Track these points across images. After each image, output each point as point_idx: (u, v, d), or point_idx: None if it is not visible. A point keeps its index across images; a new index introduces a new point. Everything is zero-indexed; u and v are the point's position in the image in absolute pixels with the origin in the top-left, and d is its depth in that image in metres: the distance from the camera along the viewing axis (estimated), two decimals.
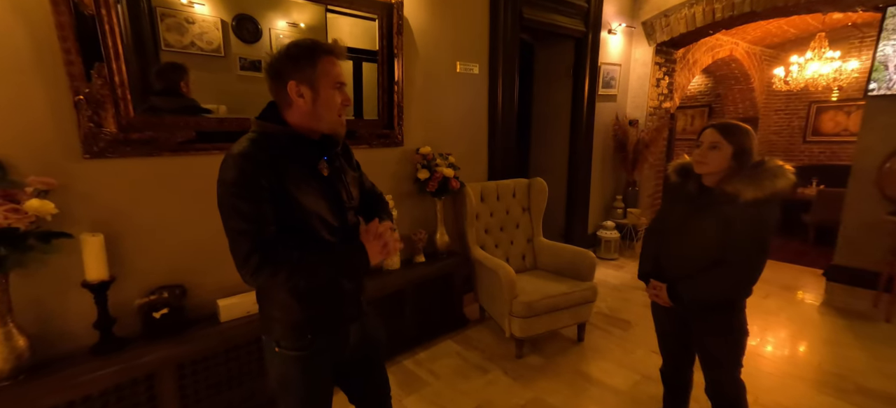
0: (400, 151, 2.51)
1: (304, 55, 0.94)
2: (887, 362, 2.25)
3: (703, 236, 1.34)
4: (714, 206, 1.31)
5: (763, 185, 1.22)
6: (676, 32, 3.77)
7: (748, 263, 1.29)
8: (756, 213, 1.24)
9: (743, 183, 1.25)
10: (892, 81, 2.62)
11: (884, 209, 2.68)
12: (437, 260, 2.63)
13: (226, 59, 2.03)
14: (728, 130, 1.30)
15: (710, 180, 1.34)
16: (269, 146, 0.94)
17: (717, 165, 1.29)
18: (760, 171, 1.25)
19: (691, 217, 1.39)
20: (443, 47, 2.64)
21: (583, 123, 3.77)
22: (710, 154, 1.30)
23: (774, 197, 1.23)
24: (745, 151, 1.28)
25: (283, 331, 1.03)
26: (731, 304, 1.37)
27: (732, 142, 1.28)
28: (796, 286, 3.34)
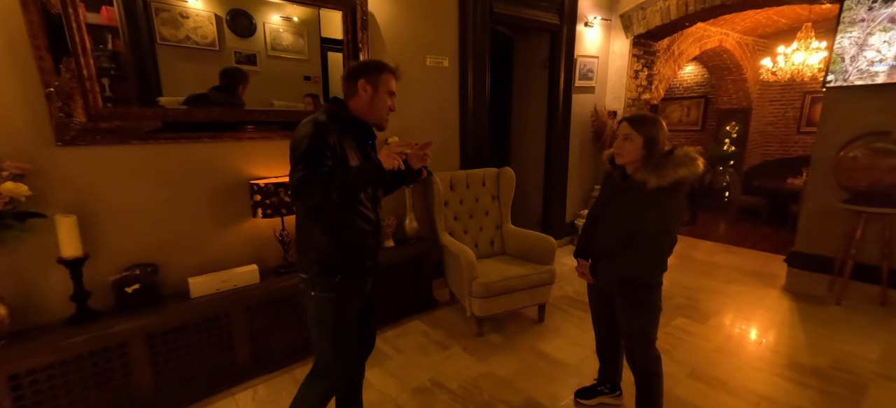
0: None
1: (376, 66, 1.33)
2: (825, 340, 2.35)
3: (619, 220, 1.48)
4: (629, 192, 1.43)
5: (665, 173, 1.33)
6: (653, 25, 3.82)
7: (653, 246, 1.40)
8: (659, 200, 1.34)
9: (648, 172, 1.36)
10: (848, 73, 2.68)
11: (838, 197, 2.75)
12: (406, 245, 2.77)
13: (220, 53, 2.09)
14: (637, 122, 1.42)
15: (629, 169, 1.45)
16: (336, 121, 1.28)
17: (632, 155, 1.41)
18: (666, 160, 1.36)
19: (613, 201, 1.52)
20: (411, 41, 2.74)
21: (559, 114, 3.86)
22: (624, 145, 1.41)
23: (678, 185, 1.33)
24: (653, 140, 1.39)
25: (318, 270, 1.31)
26: (645, 282, 1.48)
27: (642, 132, 1.39)
28: (763, 273, 3.43)
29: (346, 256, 1.32)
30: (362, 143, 1.37)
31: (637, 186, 1.38)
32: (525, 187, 4.23)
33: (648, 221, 1.37)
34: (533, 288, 2.57)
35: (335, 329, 1.35)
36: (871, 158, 2.48)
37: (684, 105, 8.32)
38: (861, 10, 2.59)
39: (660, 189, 1.33)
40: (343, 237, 1.30)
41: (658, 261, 1.44)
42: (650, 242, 1.39)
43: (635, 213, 1.40)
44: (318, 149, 1.21)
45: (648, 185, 1.34)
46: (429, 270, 2.86)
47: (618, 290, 1.54)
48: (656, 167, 1.35)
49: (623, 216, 1.45)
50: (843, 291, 2.75)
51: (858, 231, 2.63)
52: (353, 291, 1.37)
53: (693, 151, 1.36)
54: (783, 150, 7.37)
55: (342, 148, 1.25)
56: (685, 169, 1.32)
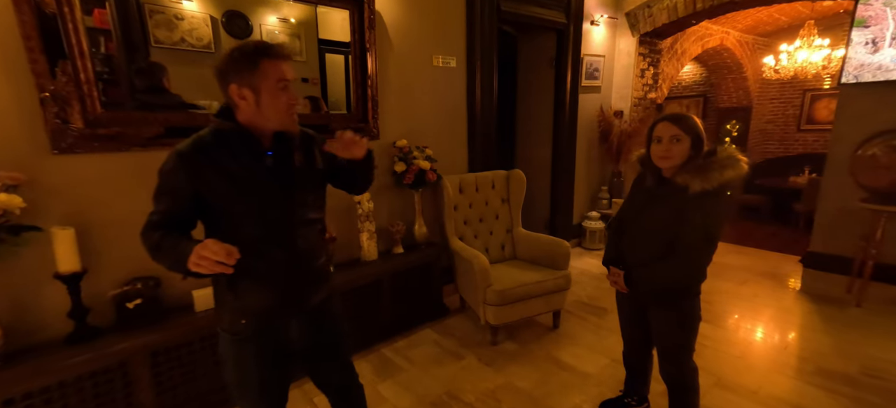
0: (376, 145, 2.55)
1: (244, 59, 0.98)
2: (851, 344, 2.29)
3: (657, 226, 1.38)
4: (668, 197, 1.34)
5: (711, 176, 1.23)
6: (659, 23, 3.77)
7: (696, 253, 1.31)
8: (703, 204, 1.25)
9: (691, 174, 1.26)
10: (863, 69, 2.63)
11: (857, 196, 2.70)
12: (415, 251, 2.68)
13: (216, 56, 2.04)
14: (682, 121, 1.31)
15: (668, 172, 1.36)
16: (216, 143, 1.01)
17: (681, 157, 1.30)
18: (710, 162, 1.26)
19: (648, 207, 1.42)
20: (418, 41, 2.66)
21: (566, 114, 3.79)
22: (673, 148, 1.30)
23: (723, 188, 1.24)
24: (701, 139, 1.30)
25: (224, 314, 1.12)
26: (683, 291, 1.40)
27: (689, 132, 1.29)
28: (776, 273, 3.38)
29: (247, 301, 1.08)
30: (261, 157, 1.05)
31: (678, 189, 1.28)
32: (531, 189, 4.15)
33: (693, 228, 1.27)
34: (548, 294, 2.49)
35: (238, 369, 1.13)
36: (891, 156, 2.43)
37: (683, 104, 8.30)
38: (877, 4, 2.54)
39: (704, 193, 1.23)
40: (234, 280, 1.04)
41: (700, 269, 1.36)
42: (693, 249, 1.30)
43: (677, 219, 1.30)
44: (161, 193, 1.00)
45: (691, 188, 1.24)
46: (439, 276, 2.78)
47: (654, 299, 1.46)
48: (700, 169, 1.25)
49: (662, 223, 1.35)
50: (863, 293, 2.70)
51: (879, 231, 2.58)
52: (264, 334, 1.12)
53: (736, 151, 1.28)
54: (783, 148, 7.36)
55: (222, 180, 0.99)
56: (731, 171, 1.24)
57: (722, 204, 1.27)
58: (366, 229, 2.42)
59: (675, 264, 1.33)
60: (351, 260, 2.48)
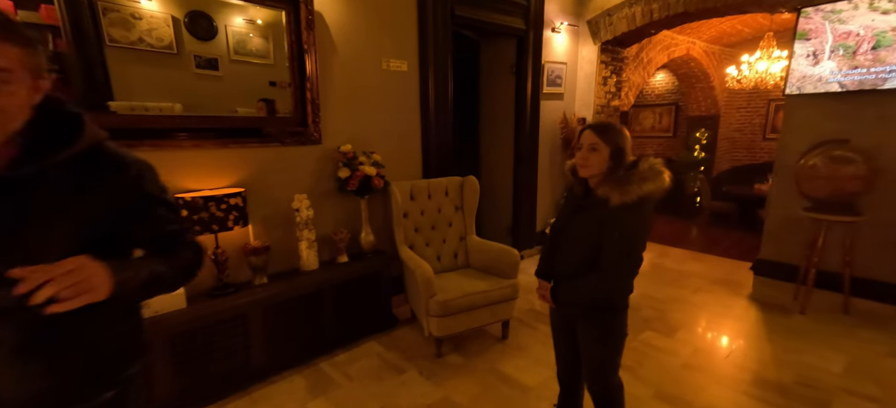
0: (319, 150, 2.47)
1: None
2: (790, 352, 2.30)
3: (581, 238, 1.33)
4: (592, 208, 1.30)
5: (630, 189, 1.19)
6: (619, 31, 3.80)
7: (617, 268, 1.26)
8: (622, 218, 1.21)
9: (611, 187, 1.22)
10: (805, 81, 2.67)
11: (801, 205, 2.74)
12: (361, 260, 2.60)
13: (179, 57, 2.01)
14: (604, 130, 1.28)
15: (593, 182, 1.32)
16: None
17: (598, 167, 1.27)
18: (630, 174, 1.22)
19: (575, 218, 1.38)
20: (366, 45, 2.60)
21: (527, 120, 3.77)
22: (590, 157, 1.27)
23: (643, 201, 1.20)
24: (621, 150, 1.26)
25: None
26: (607, 307, 1.35)
27: (609, 141, 1.26)
28: (731, 281, 3.40)
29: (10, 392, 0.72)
30: None
31: (600, 202, 1.25)
32: (495, 195, 4.13)
33: (612, 243, 1.24)
34: (495, 304, 2.44)
35: None
36: (830, 167, 2.47)
37: (656, 112, 8.45)
38: (817, 17, 2.59)
39: (623, 206, 1.20)
40: None
41: (623, 284, 1.31)
42: (614, 264, 1.26)
43: (598, 231, 1.27)
44: None
45: (611, 201, 1.21)
46: (387, 286, 2.70)
47: (581, 314, 1.41)
48: (619, 182, 1.21)
49: (585, 235, 1.31)
50: (807, 300, 2.73)
51: (820, 239, 2.62)
52: None
53: (659, 164, 1.23)
54: (750, 156, 7.55)
55: None
56: (651, 184, 1.20)
57: (640, 218, 1.23)
58: (305, 238, 2.33)
59: (597, 279, 1.29)
60: (290, 270, 2.38)
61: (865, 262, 2.63)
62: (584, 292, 1.34)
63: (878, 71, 2.44)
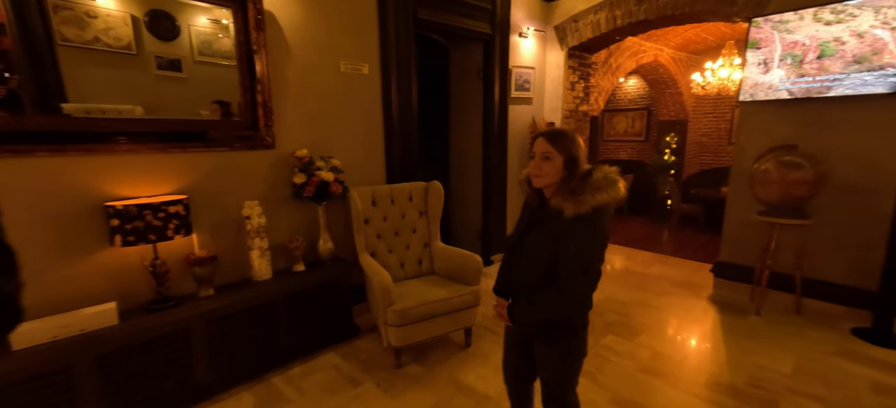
0: (273, 155, 2.38)
1: None
2: (744, 353, 2.34)
3: (537, 253, 1.26)
4: (547, 220, 1.23)
5: (583, 200, 1.14)
6: (585, 37, 3.84)
7: (573, 284, 1.20)
8: (578, 231, 1.16)
9: (565, 197, 1.17)
10: (757, 89, 2.75)
11: (755, 209, 2.81)
12: (319, 268, 2.51)
13: (139, 58, 1.93)
14: (556, 138, 1.22)
15: (547, 192, 1.26)
16: None
17: (553, 176, 1.21)
18: (583, 184, 1.17)
19: (530, 231, 1.30)
20: (323, 46, 2.53)
21: (495, 124, 3.77)
22: (544, 165, 1.21)
23: (598, 212, 1.15)
24: (574, 158, 1.20)
25: None
26: (565, 325, 1.30)
27: (562, 150, 1.20)
28: (693, 283, 3.47)
29: None
30: None
31: (554, 214, 1.19)
32: (465, 199, 4.10)
33: (568, 257, 1.18)
34: (455, 312, 2.39)
35: None
36: (780, 171, 2.54)
37: (629, 116, 8.64)
38: (766, 27, 2.67)
39: (578, 218, 1.14)
40: None
41: (581, 302, 1.25)
42: (570, 281, 1.19)
43: (554, 245, 1.21)
44: None
45: (565, 213, 1.15)
46: (348, 295, 2.62)
47: (537, 333, 1.35)
48: (573, 192, 1.16)
49: (541, 249, 1.25)
50: (762, 301, 2.80)
51: (773, 242, 2.69)
52: None
53: (613, 173, 1.18)
54: (717, 160, 7.79)
55: None
56: (605, 194, 1.15)
57: (596, 230, 1.17)
58: (256, 246, 2.23)
59: (554, 297, 1.22)
60: (240, 280, 2.27)
61: (815, 263, 2.71)
62: (541, 311, 1.27)
63: (823, 79, 2.53)
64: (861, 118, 2.48)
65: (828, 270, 2.69)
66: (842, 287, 2.65)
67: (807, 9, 2.52)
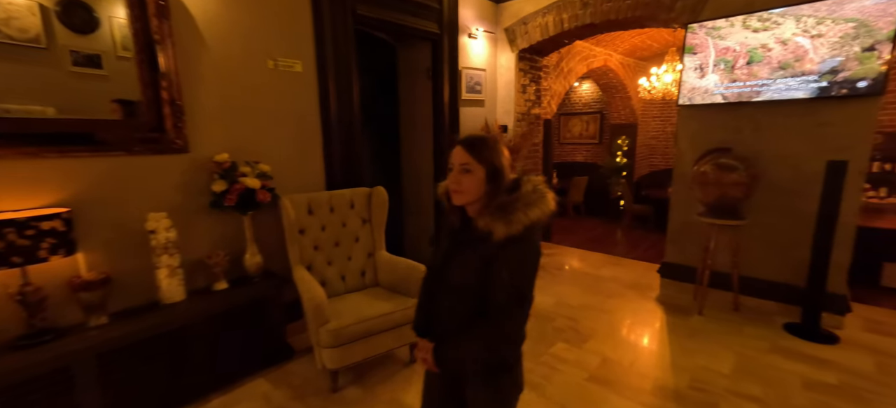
0: (186, 160, 2.11)
1: None
2: (687, 355, 2.36)
3: (463, 284, 1.09)
4: (473, 244, 1.06)
5: (515, 218, 0.98)
6: (535, 40, 3.82)
7: (508, 319, 1.03)
8: (511, 255, 1.00)
9: (493, 216, 1.00)
10: (694, 93, 2.82)
11: (696, 210, 2.87)
12: (245, 285, 2.26)
13: (50, 52, 1.71)
14: (476, 146, 1.05)
15: (471, 210, 1.09)
16: None
17: (473, 192, 1.04)
18: (513, 199, 1.01)
19: (452, 257, 1.12)
20: (247, 40, 2.29)
21: (446, 127, 3.65)
22: (463, 179, 1.04)
23: (530, 231, 1.00)
24: (497, 170, 1.04)
25: None
26: (498, 365, 1.11)
27: (483, 160, 1.04)
28: (641, 284, 3.51)
29: None
30: None
31: (482, 236, 1.02)
32: (418, 203, 3.95)
33: (501, 287, 1.01)
34: (399, 327, 2.22)
35: None
36: (717, 173, 2.61)
37: (584, 120, 8.88)
38: (701, 33, 2.75)
39: (510, 240, 0.98)
40: None
41: (517, 338, 1.10)
42: (504, 315, 1.03)
43: (483, 273, 1.04)
44: None
45: (495, 235, 0.99)
46: (280, 313, 2.38)
47: (467, 376, 1.16)
48: (502, 209, 1.00)
49: (467, 279, 1.07)
50: (704, 300, 2.86)
51: (712, 242, 2.75)
52: None
53: (541, 184, 1.05)
54: (665, 161, 8.16)
55: None
56: (537, 209, 1.01)
57: (531, 253, 1.03)
58: (165, 264, 1.96)
59: (486, 336, 1.05)
60: (146, 304, 1.98)
61: (750, 262, 2.81)
62: (473, 353, 1.08)
63: (753, 84, 2.63)
64: (787, 122, 2.59)
65: (762, 268, 2.80)
66: (774, 284, 2.76)
67: (737, 16, 2.61)
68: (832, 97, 2.41)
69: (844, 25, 2.32)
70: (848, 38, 2.33)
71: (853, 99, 2.37)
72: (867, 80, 2.31)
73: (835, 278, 2.48)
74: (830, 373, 2.15)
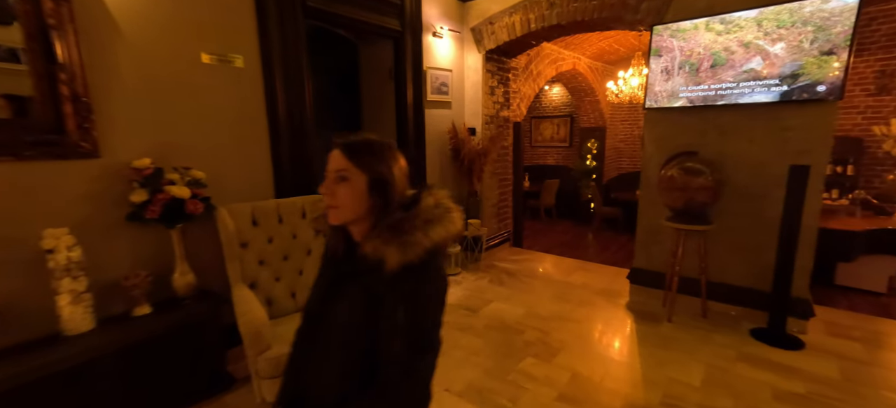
0: (96, 166, 1.81)
1: None
2: (658, 367, 2.27)
3: (344, 333, 0.84)
4: (358, 277, 0.84)
5: (413, 240, 0.77)
6: (502, 40, 3.71)
7: (409, 378, 0.78)
8: (410, 290, 0.78)
9: (383, 239, 0.78)
10: (659, 96, 2.78)
11: (663, 215, 2.81)
12: (174, 308, 1.98)
13: None
14: (357, 151, 0.83)
15: (357, 233, 0.87)
16: None
17: (354, 207, 0.82)
18: (410, 216, 0.81)
19: (332, 296, 0.88)
20: (174, 29, 2.02)
21: (410, 129, 3.46)
22: (339, 191, 0.82)
23: (434, 256, 0.79)
24: (385, 182, 0.83)
25: None
26: None
27: (365, 167, 0.82)
28: (611, 290, 3.44)
29: None
30: None
31: (370, 266, 0.79)
32: None
33: (397, 335, 0.78)
34: None
35: None
36: (684, 178, 2.55)
37: (554, 123, 8.93)
38: (666, 35, 2.70)
39: (408, 270, 0.77)
40: None
41: (422, 401, 0.84)
42: (402, 372, 0.78)
43: (372, 317, 0.80)
44: None
45: (388, 263, 0.77)
46: (217, 337, 2.11)
47: None
48: (395, 230, 0.79)
49: (350, 328, 0.83)
50: (673, 307, 2.80)
51: (680, 248, 2.70)
52: None
53: (445, 197, 0.87)
54: (633, 164, 8.30)
55: None
56: (440, 228, 0.81)
57: (435, 285, 0.81)
58: (66, 289, 1.66)
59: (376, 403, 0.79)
60: (44, 337, 1.67)
61: (717, 267, 2.78)
62: None
63: (717, 88, 2.60)
64: (750, 125, 2.57)
65: (728, 273, 2.77)
66: (741, 289, 2.74)
67: (700, 19, 2.57)
68: (793, 101, 2.41)
69: (803, 29, 2.32)
70: (806, 42, 2.32)
71: (813, 103, 2.37)
72: (825, 85, 2.31)
73: (798, 282, 2.47)
74: (798, 382, 2.11)
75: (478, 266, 4.04)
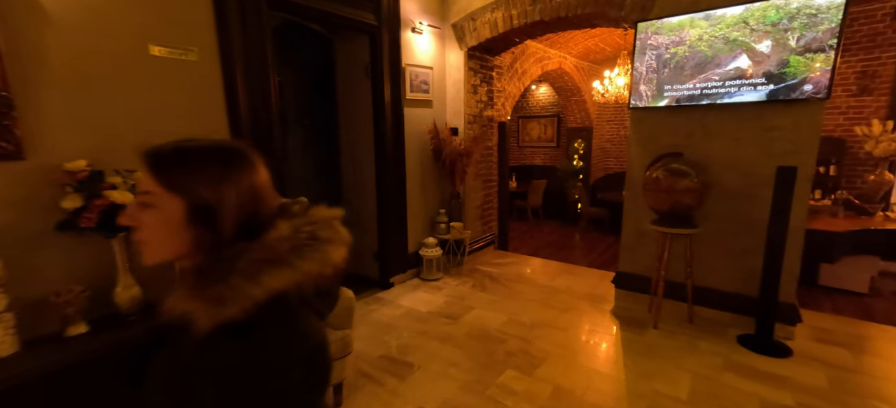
0: (19, 169, 1.61)
1: None
2: (643, 379, 2.16)
3: None
4: (173, 344, 0.60)
5: (231, 293, 0.52)
6: (483, 37, 3.57)
7: None
8: (224, 366, 0.53)
9: (191, 291, 0.53)
10: (643, 96, 2.68)
11: (649, 218, 2.72)
12: (114, 326, 1.79)
13: None
14: (165, 163, 0.59)
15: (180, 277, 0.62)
16: None
17: (168, 245, 0.59)
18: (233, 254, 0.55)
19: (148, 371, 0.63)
20: (115, 16, 1.83)
21: (388, 129, 3.30)
22: (144, 219, 0.58)
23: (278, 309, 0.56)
24: (209, 209, 0.57)
25: None
26: None
27: (177, 188, 0.57)
28: (594, 295, 3.34)
29: None
30: None
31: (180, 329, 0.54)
32: (360, 215, 3.56)
33: None
34: None
35: None
36: (669, 180, 2.45)
37: (541, 123, 8.86)
38: (651, 31, 2.60)
39: (226, 334, 0.52)
40: None
41: None
42: None
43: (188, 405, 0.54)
44: None
45: (197, 324, 0.52)
46: None
47: None
48: (208, 276, 0.54)
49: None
50: (659, 312, 2.71)
51: (665, 252, 2.60)
52: None
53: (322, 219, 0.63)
54: (620, 165, 8.27)
55: None
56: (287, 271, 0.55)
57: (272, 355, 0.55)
58: None
59: None
60: None
61: (703, 271, 2.69)
62: None
63: (703, 87, 2.51)
64: (737, 126, 2.49)
65: (714, 277, 2.69)
66: (727, 294, 2.66)
67: (685, 15, 2.48)
68: (780, 100, 2.33)
69: (790, 26, 2.24)
70: (793, 39, 2.24)
71: (800, 102, 2.29)
72: (812, 83, 2.24)
73: (785, 287, 2.39)
74: (786, 392, 2.02)
75: (460, 271, 3.91)
